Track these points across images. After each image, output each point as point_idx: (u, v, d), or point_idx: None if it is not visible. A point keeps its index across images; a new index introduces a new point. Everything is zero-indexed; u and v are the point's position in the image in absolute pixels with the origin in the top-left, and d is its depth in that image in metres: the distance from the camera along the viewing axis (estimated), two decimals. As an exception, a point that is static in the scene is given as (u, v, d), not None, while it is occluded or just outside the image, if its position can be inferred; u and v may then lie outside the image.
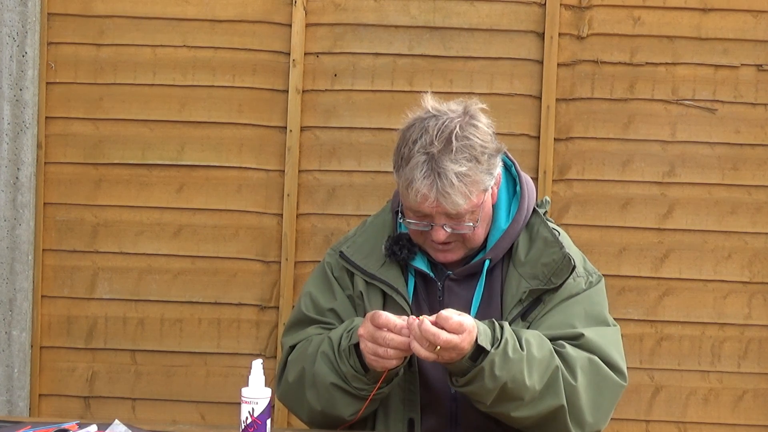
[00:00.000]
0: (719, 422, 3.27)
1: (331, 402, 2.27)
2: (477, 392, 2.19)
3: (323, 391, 2.27)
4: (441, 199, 2.23)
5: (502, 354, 2.15)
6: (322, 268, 2.50)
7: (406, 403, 2.33)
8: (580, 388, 2.23)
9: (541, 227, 2.39)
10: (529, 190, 2.42)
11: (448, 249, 2.34)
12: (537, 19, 3.24)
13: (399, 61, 3.27)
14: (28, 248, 3.27)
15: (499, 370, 2.14)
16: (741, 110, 3.24)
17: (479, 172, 2.26)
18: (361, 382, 2.23)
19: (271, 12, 3.27)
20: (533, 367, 2.18)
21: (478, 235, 2.34)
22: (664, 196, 3.25)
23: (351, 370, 2.23)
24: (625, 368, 2.33)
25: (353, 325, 2.29)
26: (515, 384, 2.17)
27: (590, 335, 2.29)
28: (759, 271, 3.25)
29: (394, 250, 2.37)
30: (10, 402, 3.28)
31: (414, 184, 2.23)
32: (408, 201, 2.29)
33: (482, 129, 2.30)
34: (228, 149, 3.29)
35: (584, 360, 2.26)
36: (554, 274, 2.32)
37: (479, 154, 2.26)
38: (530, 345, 2.20)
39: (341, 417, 2.29)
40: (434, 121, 2.27)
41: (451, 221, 2.28)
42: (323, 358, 2.28)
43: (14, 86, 3.23)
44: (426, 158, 2.23)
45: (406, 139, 2.29)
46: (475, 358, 2.15)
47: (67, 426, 2.16)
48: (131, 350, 3.33)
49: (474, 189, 2.25)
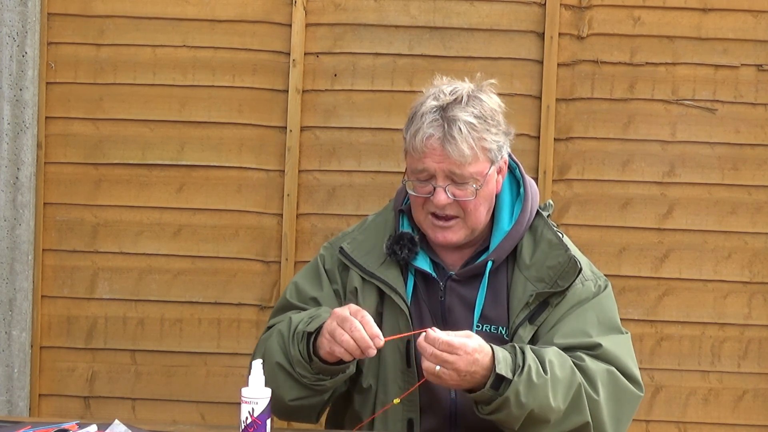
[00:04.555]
0: (719, 422, 3.27)
1: (275, 381, 2.27)
2: (504, 420, 2.19)
3: (269, 368, 2.27)
4: (447, 145, 2.25)
5: (527, 381, 2.15)
6: (314, 261, 2.51)
7: (405, 403, 2.33)
8: (602, 402, 2.24)
9: (545, 230, 2.38)
10: (532, 192, 2.42)
11: (448, 226, 2.33)
12: (537, 19, 3.24)
13: (399, 61, 3.26)
14: (28, 248, 3.26)
15: (525, 397, 2.15)
16: (741, 110, 3.24)
17: (487, 132, 2.30)
18: (305, 369, 2.24)
19: (271, 12, 3.27)
20: (558, 389, 2.19)
21: (479, 213, 2.33)
22: (664, 196, 3.25)
23: (297, 354, 2.24)
24: (640, 378, 2.34)
25: (316, 313, 2.30)
26: (542, 409, 2.17)
27: (607, 345, 2.29)
28: (759, 271, 3.25)
29: (394, 249, 2.36)
30: (10, 402, 3.28)
31: (422, 128, 2.27)
32: (414, 153, 2.30)
33: (494, 100, 2.37)
34: (228, 149, 3.29)
35: (603, 373, 2.26)
36: (560, 277, 2.32)
37: (489, 116, 2.32)
38: (553, 366, 2.19)
39: (282, 399, 2.29)
40: (448, 86, 2.35)
41: (454, 185, 2.28)
42: (278, 336, 2.31)
43: (14, 86, 3.23)
44: (436, 107, 2.29)
45: (420, 101, 2.35)
46: (497, 387, 2.15)
47: (67, 426, 2.16)
48: (131, 350, 3.33)
49: (480, 146, 2.28)
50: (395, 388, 2.34)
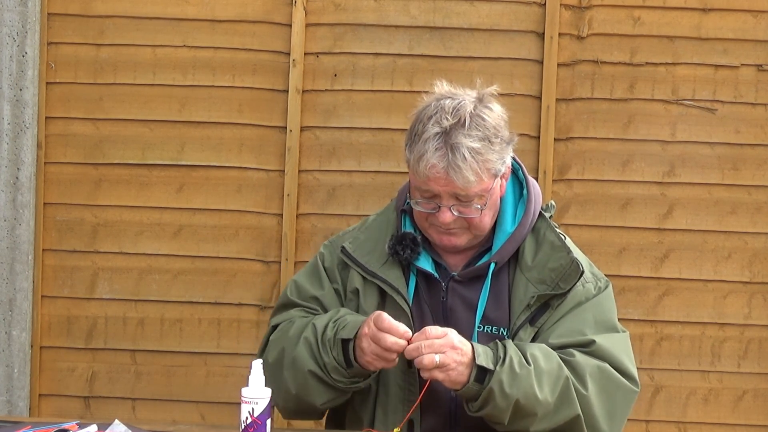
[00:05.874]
0: (719, 422, 3.27)
1: (305, 388, 2.28)
2: (492, 413, 2.19)
3: (300, 376, 2.28)
4: (451, 173, 2.23)
5: (509, 371, 2.16)
6: (313, 259, 2.51)
7: (405, 403, 2.33)
8: (591, 396, 2.23)
9: (548, 231, 2.38)
10: (535, 193, 2.42)
11: (452, 233, 2.33)
12: (537, 19, 3.24)
13: (399, 61, 3.26)
14: (28, 248, 3.27)
15: (509, 387, 2.15)
16: (741, 110, 3.24)
17: (491, 152, 2.26)
18: (341, 375, 2.25)
19: (271, 12, 3.27)
20: (543, 380, 2.19)
21: (484, 223, 2.33)
22: (664, 196, 3.25)
23: (333, 362, 2.24)
24: (636, 374, 2.33)
25: (339, 316, 2.30)
26: (528, 399, 2.17)
27: (601, 342, 2.29)
28: (759, 271, 3.25)
29: (397, 249, 2.36)
30: (10, 402, 3.28)
31: (426, 155, 2.24)
32: (418, 177, 2.28)
33: (496, 113, 2.32)
34: (228, 149, 3.29)
35: (594, 368, 2.26)
36: (562, 279, 2.31)
37: (492, 135, 2.27)
38: (536, 358, 2.20)
39: (313, 404, 2.31)
40: (450, 101, 2.30)
41: (459, 203, 2.28)
42: (305, 344, 2.29)
43: (14, 86, 3.23)
44: (440, 131, 2.25)
45: (421, 117, 2.31)
46: (481, 380, 2.15)
47: (67, 426, 2.16)
48: (131, 350, 3.33)
49: (484, 169, 2.26)
50: (396, 389, 2.33)
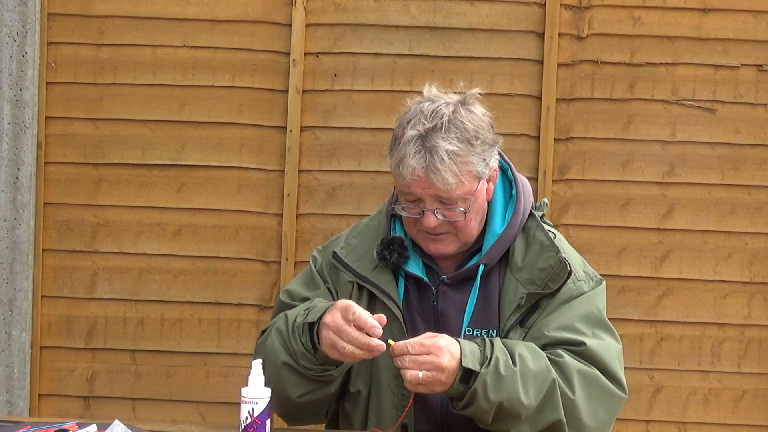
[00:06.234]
0: (719, 422, 3.27)
1: (279, 380, 2.25)
2: (475, 414, 2.18)
3: (273, 368, 2.25)
4: (431, 175, 2.22)
5: (494, 373, 2.13)
6: (306, 268, 2.50)
7: (398, 407, 2.32)
8: (578, 401, 2.21)
9: (538, 231, 2.36)
10: (525, 193, 2.40)
11: (439, 239, 2.32)
12: (537, 19, 3.24)
13: (399, 61, 3.27)
14: (28, 248, 3.27)
15: (492, 390, 2.13)
16: (741, 110, 3.24)
17: (471, 154, 2.25)
18: (310, 361, 2.22)
19: (271, 12, 3.27)
20: (528, 383, 2.16)
21: (471, 228, 2.32)
22: (664, 196, 3.25)
23: (301, 348, 2.22)
24: (624, 380, 2.31)
25: (312, 305, 2.29)
26: (511, 402, 2.16)
27: (591, 344, 2.27)
28: (759, 271, 3.25)
29: (384, 254, 2.35)
30: (10, 402, 3.28)
31: (406, 159, 2.24)
32: (400, 180, 2.28)
33: (477, 115, 2.31)
34: (228, 149, 3.29)
35: (582, 372, 2.24)
36: (551, 279, 2.30)
37: (472, 137, 2.26)
38: (524, 359, 2.17)
39: (289, 397, 2.27)
40: (429, 104, 2.30)
41: (443, 206, 2.27)
42: (276, 334, 2.29)
43: (14, 86, 3.23)
44: (418, 135, 2.25)
45: (401, 121, 2.31)
46: (466, 381, 2.14)
47: (67, 426, 2.16)
48: (131, 350, 3.33)
49: (465, 171, 2.25)
50: (389, 393, 2.32)
